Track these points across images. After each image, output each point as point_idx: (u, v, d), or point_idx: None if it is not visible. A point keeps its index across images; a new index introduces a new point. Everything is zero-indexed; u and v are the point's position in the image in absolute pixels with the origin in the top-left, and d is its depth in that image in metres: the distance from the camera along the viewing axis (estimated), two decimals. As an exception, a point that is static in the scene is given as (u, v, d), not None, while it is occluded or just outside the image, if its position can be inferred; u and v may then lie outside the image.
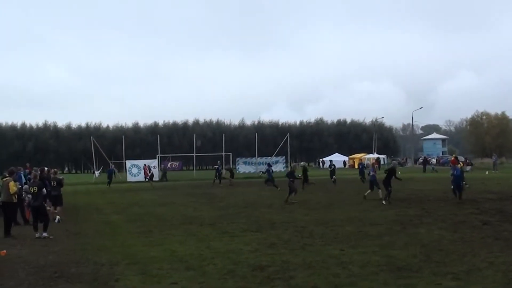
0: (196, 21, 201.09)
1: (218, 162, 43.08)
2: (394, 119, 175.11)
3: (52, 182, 18.79)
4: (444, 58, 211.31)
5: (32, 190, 14.98)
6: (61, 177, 20.26)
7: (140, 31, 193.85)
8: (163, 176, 49.03)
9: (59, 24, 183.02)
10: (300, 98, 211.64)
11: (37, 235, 14.36)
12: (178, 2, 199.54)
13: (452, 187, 21.85)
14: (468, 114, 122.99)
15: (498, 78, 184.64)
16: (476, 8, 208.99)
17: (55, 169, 21.24)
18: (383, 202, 20.83)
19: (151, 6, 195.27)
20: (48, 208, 17.02)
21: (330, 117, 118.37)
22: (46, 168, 21.76)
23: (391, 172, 21.95)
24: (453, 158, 29.10)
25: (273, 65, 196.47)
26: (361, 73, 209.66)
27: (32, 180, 15.53)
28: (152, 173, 44.49)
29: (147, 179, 44.18)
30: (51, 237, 14.19)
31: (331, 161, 42.95)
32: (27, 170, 22.11)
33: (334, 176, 35.81)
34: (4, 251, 11.87)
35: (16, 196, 15.59)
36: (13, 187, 15.17)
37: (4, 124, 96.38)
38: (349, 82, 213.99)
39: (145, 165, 49.21)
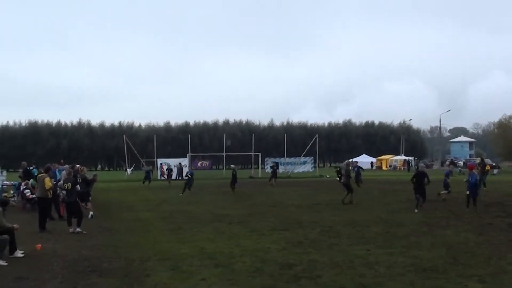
0: (227, 21, 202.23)
1: (278, 160, 42.15)
2: (422, 121, 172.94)
3: (78, 179, 19.22)
4: (473, 61, 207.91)
5: (66, 187, 15.44)
6: (94, 173, 20.67)
7: (174, 32, 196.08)
8: (179, 175, 49.08)
9: (93, 24, 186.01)
10: (330, 99, 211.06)
11: (71, 230, 14.74)
12: (210, 1, 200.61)
13: (467, 193, 18.83)
14: (496, 117, 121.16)
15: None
16: (507, 9, 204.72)
17: (82, 167, 21.46)
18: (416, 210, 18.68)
19: (183, 6, 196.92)
20: (82, 204, 17.44)
21: (359, 118, 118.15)
22: (78, 166, 22.18)
23: (421, 176, 19.48)
24: (476, 163, 27.34)
25: (304, 66, 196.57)
26: (390, 74, 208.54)
27: (66, 177, 15.99)
28: (169, 173, 44.33)
29: (164, 178, 44.39)
30: (84, 232, 14.54)
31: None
32: (65, 166, 22.52)
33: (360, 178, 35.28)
34: (39, 245, 12.21)
35: (51, 192, 16.04)
36: (48, 182, 15.60)
37: (40, 121, 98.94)
38: (378, 83, 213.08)
39: (161, 164, 49.32)
